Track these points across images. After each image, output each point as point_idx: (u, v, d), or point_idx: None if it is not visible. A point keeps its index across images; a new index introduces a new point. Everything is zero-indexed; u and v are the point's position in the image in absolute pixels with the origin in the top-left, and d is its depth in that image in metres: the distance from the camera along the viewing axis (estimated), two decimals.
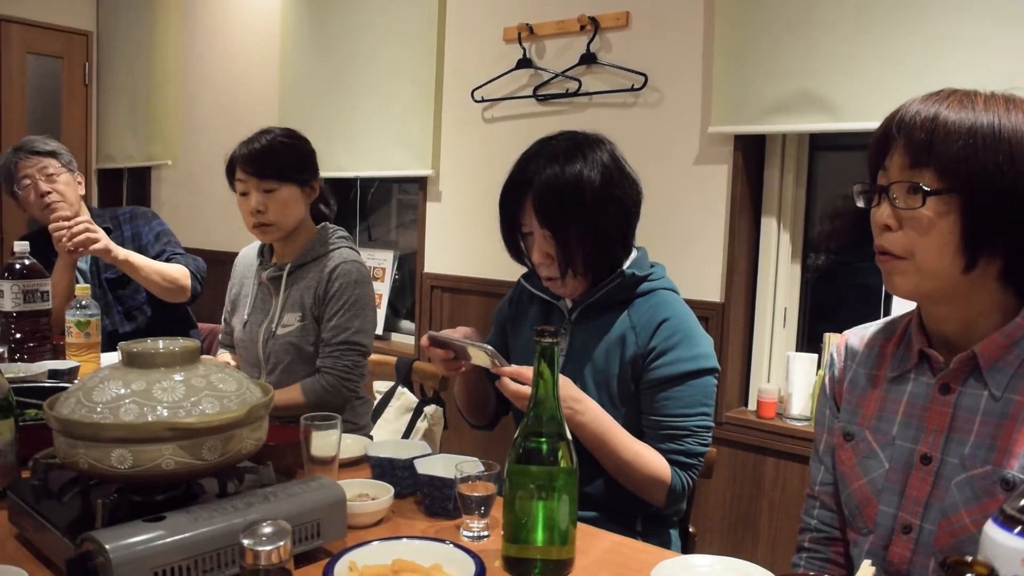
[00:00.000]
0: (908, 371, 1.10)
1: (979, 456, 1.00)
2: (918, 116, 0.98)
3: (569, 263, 1.45)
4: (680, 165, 2.64)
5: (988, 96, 0.98)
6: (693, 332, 1.46)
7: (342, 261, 1.99)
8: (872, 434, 1.11)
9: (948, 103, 0.98)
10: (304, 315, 1.99)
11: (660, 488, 1.41)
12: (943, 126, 0.96)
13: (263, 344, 2.02)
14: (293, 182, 1.96)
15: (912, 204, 0.98)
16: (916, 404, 1.07)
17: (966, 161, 0.94)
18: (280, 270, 2.03)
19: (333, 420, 1.33)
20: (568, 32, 2.86)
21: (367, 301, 2.00)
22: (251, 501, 1.05)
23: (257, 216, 1.95)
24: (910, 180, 0.98)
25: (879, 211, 1.02)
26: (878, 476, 1.09)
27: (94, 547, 0.92)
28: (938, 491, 1.03)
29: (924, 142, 0.97)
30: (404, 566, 1.02)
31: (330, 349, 1.95)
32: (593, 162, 1.43)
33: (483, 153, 3.17)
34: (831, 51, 2.26)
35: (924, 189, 0.96)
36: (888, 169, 1.01)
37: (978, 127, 0.95)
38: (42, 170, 2.48)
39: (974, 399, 1.02)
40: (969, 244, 0.97)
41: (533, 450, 1.07)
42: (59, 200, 2.48)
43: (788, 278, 2.57)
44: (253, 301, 2.09)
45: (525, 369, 1.33)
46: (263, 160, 1.94)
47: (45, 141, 2.56)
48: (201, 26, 4.36)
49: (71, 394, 1.07)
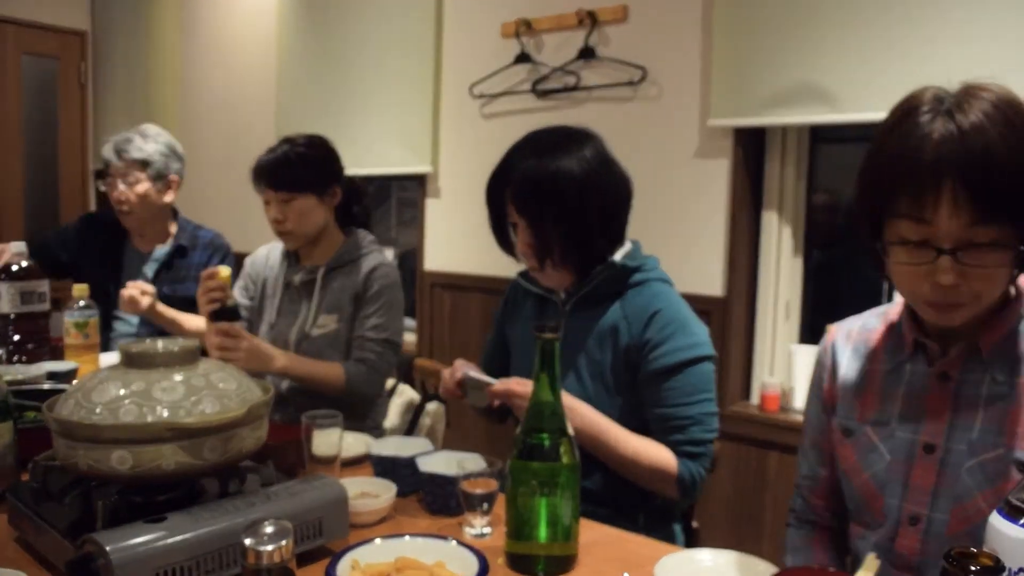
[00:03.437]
0: (903, 362, 1.09)
1: (988, 440, 0.99)
2: (971, 162, 0.87)
3: (547, 254, 1.46)
4: (680, 159, 2.63)
5: (1005, 104, 0.91)
6: (687, 321, 1.46)
7: (380, 263, 2.04)
8: (872, 428, 1.10)
9: (988, 126, 0.88)
10: (341, 316, 2.02)
11: (667, 481, 1.41)
12: (1000, 166, 0.87)
13: (295, 345, 2.02)
14: (309, 192, 1.98)
15: (994, 264, 0.92)
16: (914, 394, 1.07)
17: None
18: (312, 273, 2.05)
19: (335, 418, 1.33)
20: (566, 26, 2.85)
21: (401, 304, 2.06)
22: (252, 500, 1.05)
23: (276, 225, 2.01)
24: (981, 240, 0.90)
25: (941, 274, 0.92)
26: (880, 470, 1.08)
27: (95, 549, 0.91)
28: (946, 479, 1.02)
29: (989, 192, 0.87)
30: (407, 564, 1.02)
31: (372, 344, 1.98)
32: (575, 156, 1.44)
33: (482, 149, 3.16)
34: (831, 42, 2.25)
35: (1020, 249, 0.90)
36: (933, 223, 0.91)
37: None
38: (124, 176, 2.49)
39: (975, 385, 1.01)
40: (1020, 267, 0.95)
41: (535, 446, 1.07)
42: (129, 212, 2.50)
43: (790, 271, 2.57)
44: (280, 303, 2.10)
45: (513, 383, 1.38)
46: (277, 172, 1.97)
47: (144, 142, 2.52)
48: (198, 24, 4.35)
49: (70, 395, 1.06)
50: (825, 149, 2.54)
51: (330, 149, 2.05)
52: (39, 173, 4.72)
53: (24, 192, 4.66)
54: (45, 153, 4.74)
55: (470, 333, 3.25)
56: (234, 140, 4.10)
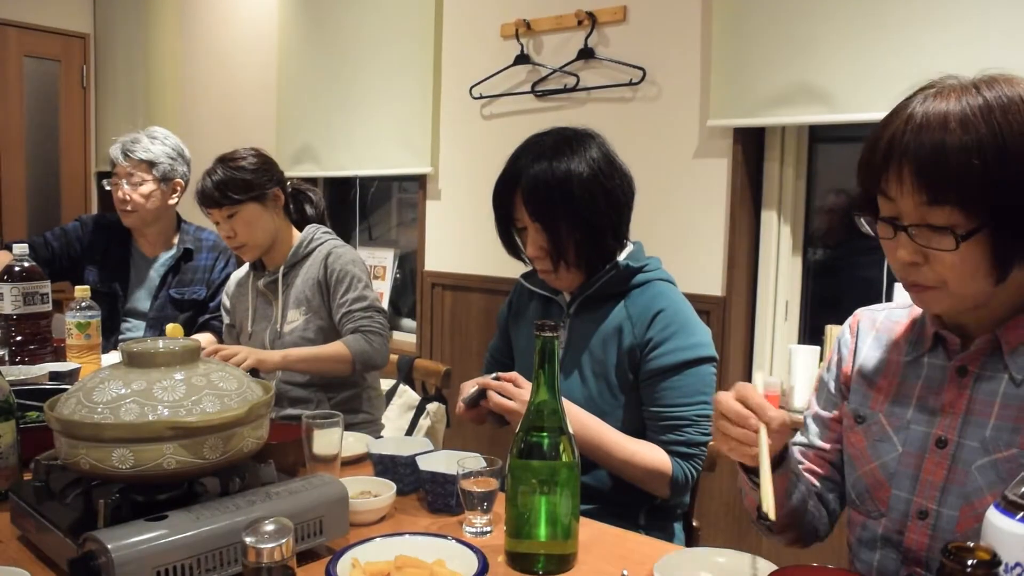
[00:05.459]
0: (922, 354, 1.08)
1: (1002, 439, 0.98)
2: (923, 144, 0.91)
3: (561, 255, 1.47)
4: (679, 159, 2.63)
5: (984, 104, 0.92)
6: (689, 322, 1.46)
7: (333, 248, 2.10)
8: (886, 418, 1.09)
9: (948, 122, 0.91)
10: (309, 307, 2.07)
11: (662, 481, 1.41)
12: (955, 154, 0.89)
13: (270, 346, 2.07)
14: (248, 201, 2.04)
15: (943, 246, 0.93)
16: (931, 387, 1.06)
17: (986, 189, 0.89)
18: (274, 274, 2.12)
19: (335, 418, 1.33)
20: (565, 27, 2.85)
21: (367, 274, 2.11)
22: (253, 499, 1.05)
23: (229, 241, 2.09)
24: (935, 222, 0.92)
25: (899, 249, 0.97)
26: (891, 460, 1.07)
27: (96, 547, 0.92)
28: (956, 475, 1.01)
29: (940, 177, 0.90)
30: (406, 562, 1.02)
31: (359, 314, 2.02)
32: (582, 156, 1.45)
33: (482, 150, 3.16)
34: (829, 42, 2.25)
35: (959, 234, 0.91)
36: (896, 201, 0.95)
37: (986, 146, 0.89)
38: (129, 176, 2.49)
39: (993, 382, 1.00)
40: (1001, 262, 0.94)
41: (535, 445, 1.07)
42: (132, 212, 2.50)
43: (789, 271, 2.57)
44: (254, 312, 2.16)
45: (508, 385, 1.37)
46: (216, 190, 2.03)
47: (151, 143, 2.53)
48: (198, 26, 4.36)
49: (72, 395, 1.07)
50: (823, 148, 2.54)
51: (262, 156, 2.11)
52: (41, 175, 4.73)
53: (26, 194, 4.67)
54: (47, 155, 4.75)
55: (470, 333, 3.26)
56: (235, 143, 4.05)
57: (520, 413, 1.20)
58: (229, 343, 2.22)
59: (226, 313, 2.29)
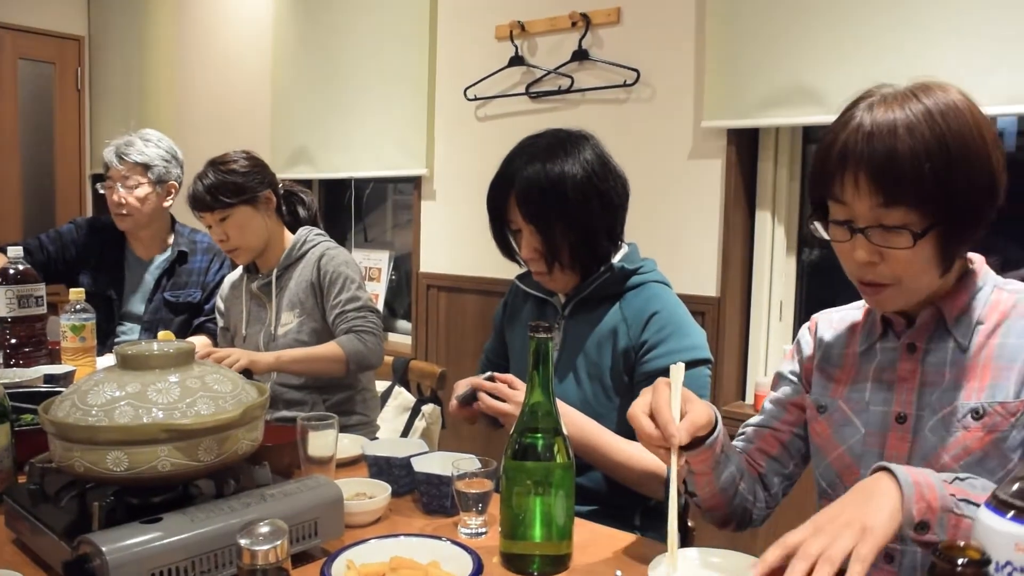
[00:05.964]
0: (875, 342, 1.14)
1: (946, 399, 1.04)
2: (876, 150, 0.96)
3: (555, 257, 1.47)
4: (674, 160, 2.64)
5: (925, 110, 0.97)
6: (684, 324, 1.47)
7: (326, 250, 2.10)
8: (846, 403, 1.14)
9: (897, 128, 0.96)
10: (302, 310, 2.07)
11: (656, 482, 1.41)
12: (906, 158, 0.95)
13: (264, 349, 2.07)
14: (240, 204, 2.04)
15: (899, 245, 0.99)
16: (885, 368, 1.11)
17: (936, 188, 0.95)
18: (268, 277, 2.12)
19: (330, 420, 1.33)
20: (560, 29, 2.86)
21: (359, 275, 2.12)
22: (248, 501, 1.05)
23: (222, 244, 2.09)
24: (890, 223, 0.98)
25: (857, 250, 1.01)
26: (855, 442, 1.12)
27: (91, 550, 0.92)
28: (918, 447, 1.06)
29: (894, 180, 0.96)
30: (401, 564, 1.02)
31: (353, 314, 2.02)
32: (576, 158, 1.45)
33: (477, 151, 3.16)
34: (823, 44, 2.26)
35: (915, 232, 0.97)
36: (850, 204, 1.00)
37: (932, 149, 0.95)
38: (124, 180, 2.48)
39: (941, 353, 1.06)
40: (947, 254, 1.00)
41: (529, 446, 1.07)
42: (127, 215, 2.50)
43: (783, 271, 2.57)
44: (247, 315, 2.16)
45: (503, 386, 1.37)
46: (207, 194, 2.03)
47: (145, 146, 2.53)
48: (193, 29, 4.35)
49: (66, 397, 1.07)
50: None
51: (254, 159, 2.11)
52: (36, 178, 4.72)
53: (21, 197, 4.66)
54: (42, 158, 4.74)
55: (465, 334, 3.26)
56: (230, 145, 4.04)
57: (513, 416, 1.20)
58: (224, 346, 2.22)
59: (220, 316, 2.29)
